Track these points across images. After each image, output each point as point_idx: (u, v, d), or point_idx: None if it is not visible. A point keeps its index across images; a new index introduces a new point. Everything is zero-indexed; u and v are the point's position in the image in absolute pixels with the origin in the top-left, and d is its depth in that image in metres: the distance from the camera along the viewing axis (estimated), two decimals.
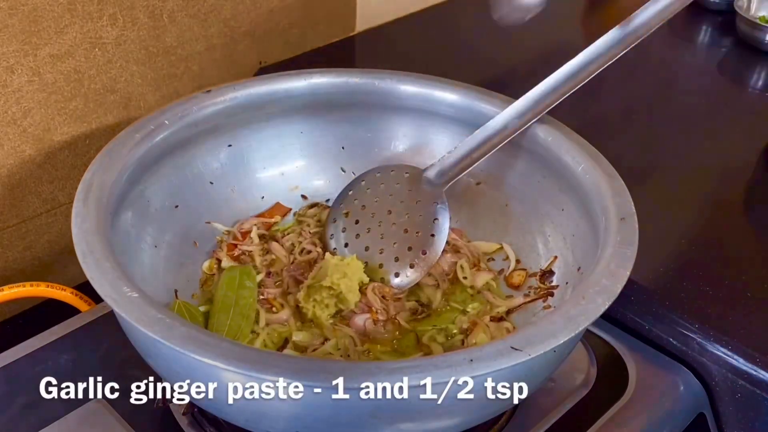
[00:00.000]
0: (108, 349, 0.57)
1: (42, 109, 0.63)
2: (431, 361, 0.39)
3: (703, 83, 0.92)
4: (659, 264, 0.63)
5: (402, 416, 0.42)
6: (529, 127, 0.58)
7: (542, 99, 0.57)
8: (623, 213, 0.51)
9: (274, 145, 0.65)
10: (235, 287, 0.56)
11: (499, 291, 0.60)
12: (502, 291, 0.60)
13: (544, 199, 0.60)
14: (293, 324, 0.55)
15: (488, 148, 0.58)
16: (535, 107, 0.57)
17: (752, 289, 0.60)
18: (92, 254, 0.45)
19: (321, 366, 0.40)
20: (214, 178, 0.62)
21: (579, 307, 0.43)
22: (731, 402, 0.58)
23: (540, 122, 0.59)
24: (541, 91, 0.57)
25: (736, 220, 0.72)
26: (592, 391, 0.55)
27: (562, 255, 0.58)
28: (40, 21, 0.60)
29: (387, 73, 0.65)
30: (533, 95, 0.57)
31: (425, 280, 0.59)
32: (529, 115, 0.57)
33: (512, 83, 0.89)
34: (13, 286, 0.60)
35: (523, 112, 0.57)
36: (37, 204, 0.67)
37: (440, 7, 1.05)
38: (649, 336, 0.60)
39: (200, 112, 0.59)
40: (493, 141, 0.58)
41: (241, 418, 0.44)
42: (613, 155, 0.56)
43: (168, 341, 0.40)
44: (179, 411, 0.52)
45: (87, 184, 0.50)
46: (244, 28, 0.78)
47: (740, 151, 0.79)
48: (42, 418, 0.52)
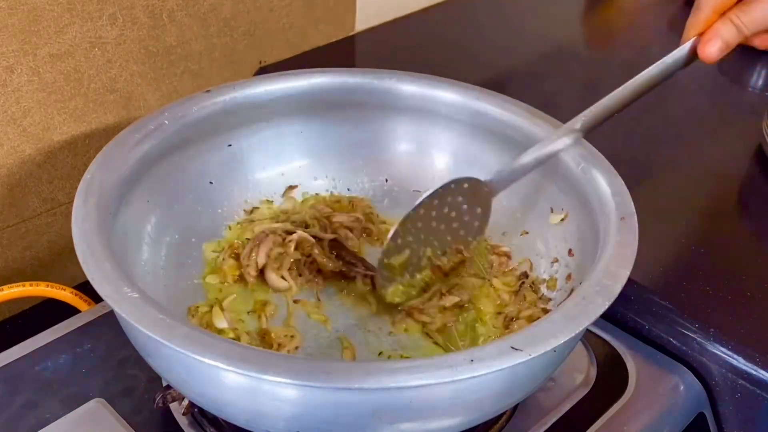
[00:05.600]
0: (108, 349, 0.57)
1: (42, 109, 0.63)
2: (431, 361, 0.39)
3: (703, 83, 0.92)
4: (659, 264, 0.63)
5: (402, 416, 0.42)
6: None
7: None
8: (623, 213, 0.51)
9: (274, 145, 0.65)
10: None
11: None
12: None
13: (544, 198, 0.60)
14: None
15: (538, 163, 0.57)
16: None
17: (752, 289, 0.60)
18: (92, 254, 0.45)
19: (321, 366, 0.40)
20: (214, 178, 0.62)
21: (579, 307, 0.43)
22: (731, 402, 0.58)
23: (540, 123, 0.59)
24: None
25: (736, 219, 0.72)
26: (592, 391, 0.55)
27: (561, 255, 0.58)
28: (39, 20, 0.60)
29: (387, 73, 0.65)
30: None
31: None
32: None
33: (512, 83, 0.90)
34: (13, 286, 0.60)
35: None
36: (37, 204, 0.67)
37: (440, 7, 1.05)
38: (649, 336, 0.60)
39: (200, 112, 0.59)
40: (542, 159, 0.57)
41: (241, 418, 0.44)
42: (613, 155, 0.56)
43: (168, 341, 0.40)
44: (179, 411, 0.52)
45: (87, 184, 0.50)
46: (244, 27, 0.78)
47: (740, 151, 0.79)
48: (42, 418, 0.52)
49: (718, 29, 0.48)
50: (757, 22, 0.47)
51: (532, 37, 1.00)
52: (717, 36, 0.48)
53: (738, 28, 0.48)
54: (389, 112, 0.66)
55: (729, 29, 0.48)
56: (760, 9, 0.47)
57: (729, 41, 0.48)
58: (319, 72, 0.64)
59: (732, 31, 0.48)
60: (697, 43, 0.49)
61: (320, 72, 0.64)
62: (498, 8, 1.09)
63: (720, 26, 0.48)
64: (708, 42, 0.48)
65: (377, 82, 0.65)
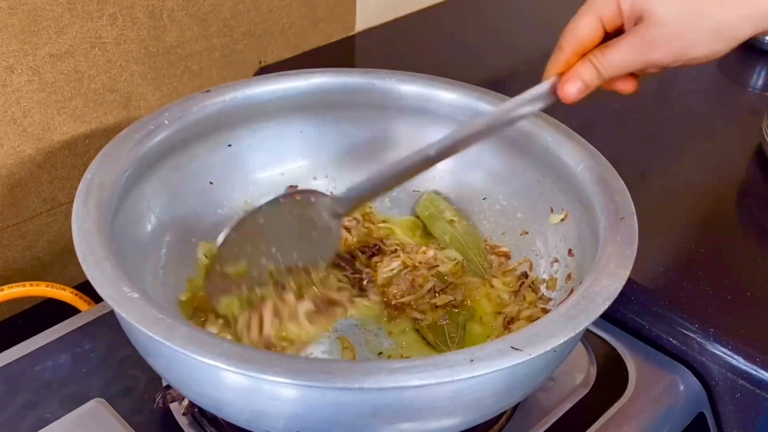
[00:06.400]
0: (108, 349, 0.57)
1: (42, 109, 0.63)
2: (431, 361, 0.39)
3: (703, 83, 0.92)
4: (659, 264, 0.63)
5: (402, 416, 0.42)
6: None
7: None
8: (623, 213, 0.51)
9: (274, 145, 0.65)
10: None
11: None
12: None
13: (544, 198, 0.60)
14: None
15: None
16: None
17: (752, 289, 0.60)
18: (92, 254, 0.45)
19: (321, 366, 0.40)
20: (214, 178, 0.62)
21: (579, 307, 0.43)
22: (731, 402, 0.58)
23: (540, 122, 0.59)
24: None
25: (736, 219, 0.72)
26: (592, 391, 0.55)
27: (561, 255, 0.58)
28: (39, 20, 0.60)
29: (387, 73, 0.65)
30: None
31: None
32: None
33: (512, 83, 0.89)
34: (13, 286, 0.60)
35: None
36: (37, 204, 0.67)
37: (440, 7, 1.05)
38: (649, 336, 0.60)
39: (200, 112, 0.59)
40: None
41: (241, 418, 0.44)
42: (613, 155, 0.56)
43: (168, 341, 0.40)
44: (179, 411, 0.52)
45: (87, 184, 0.50)
46: (244, 27, 0.78)
47: (740, 151, 0.79)
48: (42, 418, 0.52)
49: (578, 70, 0.48)
50: (616, 66, 0.47)
51: (533, 37, 1.00)
52: (576, 77, 0.48)
53: (597, 70, 0.47)
54: (389, 112, 0.66)
55: (588, 70, 0.47)
56: (620, 53, 0.46)
57: (588, 83, 0.48)
58: (319, 72, 0.64)
59: (592, 72, 0.47)
60: (556, 83, 0.49)
61: (320, 72, 0.64)
62: (498, 8, 1.09)
63: (580, 67, 0.48)
64: (567, 82, 0.48)
65: (377, 82, 0.65)
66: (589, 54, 0.48)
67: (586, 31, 0.48)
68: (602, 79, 0.48)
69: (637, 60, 0.46)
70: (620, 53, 0.47)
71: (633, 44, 0.46)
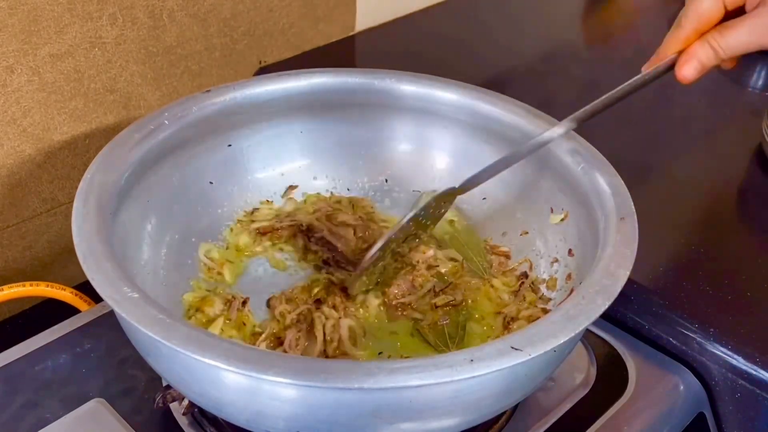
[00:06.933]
0: (108, 349, 0.57)
1: (42, 109, 0.63)
2: (431, 361, 0.39)
3: (702, 82, 0.92)
4: (659, 264, 0.63)
5: (402, 416, 0.42)
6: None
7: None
8: (623, 213, 0.51)
9: (274, 145, 0.65)
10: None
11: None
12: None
13: (544, 198, 0.60)
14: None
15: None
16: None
17: (752, 289, 0.60)
18: (92, 254, 0.45)
19: (321, 366, 0.40)
20: (214, 178, 0.62)
21: (579, 307, 0.43)
22: (731, 402, 0.58)
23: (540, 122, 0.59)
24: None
25: (736, 219, 0.72)
26: (592, 391, 0.55)
27: (561, 255, 0.58)
28: (39, 20, 0.60)
29: (387, 73, 0.65)
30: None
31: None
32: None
33: (512, 83, 0.90)
34: (13, 286, 0.60)
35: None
36: (37, 204, 0.67)
37: (440, 7, 1.05)
38: (649, 336, 0.60)
39: (200, 112, 0.59)
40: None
41: (241, 418, 0.44)
42: (613, 155, 0.56)
43: (168, 341, 0.40)
44: (179, 411, 0.52)
45: (87, 184, 0.50)
46: (244, 27, 0.78)
47: (740, 151, 0.79)
48: (42, 418, 0.52)
49: (696, 52, 0.48)
50: (733, 48, 0.47)
51: (532, 37, 1.00)
52: (694, 57, 0.48)
53: (715, 51, 0.48)
54: (389, 112, 0.66)
55: (706, 51, 0.48)
56: (740, 35, 0.47)
57: (705, 63, 0.48)
58: (319, 72, 0.64)
59: (710, 54, 0.48)
60: (674, 61, 0.49)
61: (320, 72, 0.64)
62: (498, 8, 1.09)
63: (698, 48, 0.48)
64: (686, 62, 0.49)
65: (377, 82, 0.65)
66: (707, 35, 0.48)
67: (708, 8, 0.48)
68: (719, 60, 0.48)
69: (754, 43, 0.47)
70: (740, 35, 0.47)
71: (754, 26, 0.46)
